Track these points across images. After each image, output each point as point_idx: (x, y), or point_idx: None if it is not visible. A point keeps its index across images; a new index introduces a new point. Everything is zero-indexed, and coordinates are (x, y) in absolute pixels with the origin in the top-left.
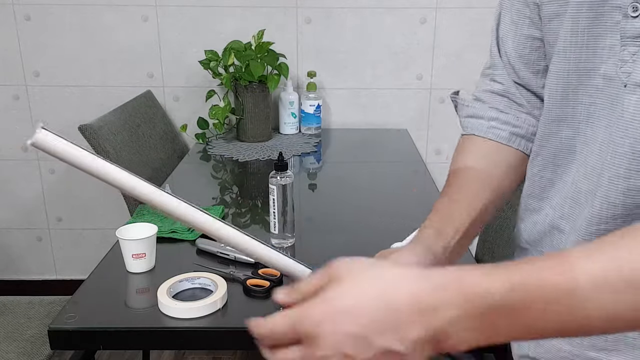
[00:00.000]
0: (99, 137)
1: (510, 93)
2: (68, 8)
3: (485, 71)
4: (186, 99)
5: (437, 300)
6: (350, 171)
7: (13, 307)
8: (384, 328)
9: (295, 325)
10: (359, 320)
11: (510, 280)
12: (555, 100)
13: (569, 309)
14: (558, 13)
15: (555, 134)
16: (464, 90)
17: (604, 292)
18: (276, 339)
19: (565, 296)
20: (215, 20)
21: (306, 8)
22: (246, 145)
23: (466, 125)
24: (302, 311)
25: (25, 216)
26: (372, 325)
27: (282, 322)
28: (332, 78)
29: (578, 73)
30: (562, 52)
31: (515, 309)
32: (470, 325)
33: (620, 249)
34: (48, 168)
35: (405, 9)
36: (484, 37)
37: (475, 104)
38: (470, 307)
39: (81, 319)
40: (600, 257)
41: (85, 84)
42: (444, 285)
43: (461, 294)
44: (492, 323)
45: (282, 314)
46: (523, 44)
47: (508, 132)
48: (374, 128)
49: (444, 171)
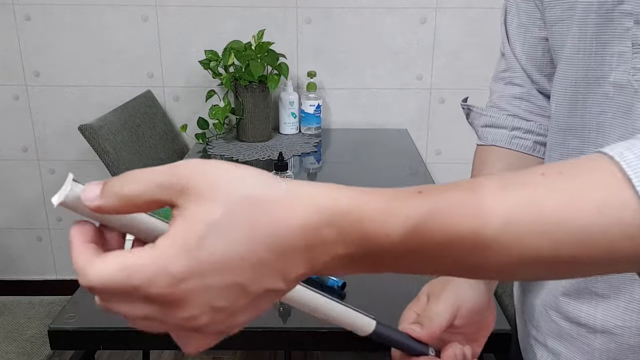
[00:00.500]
0: (99, 137)
1: (532, 95)
2: (68, 8)
3: (500, 75)
4: (186, 99)
5: (329, 238)
6: (350, 171)
7: (13, 307)
8: (267, 272)
9: (143, 285)
10: (236, 271)
11: (410, 220)
12: (562, 109)
13: (470, 252)
14: (562, 18)
15: (562, 144)
16: (466, 97)
17: (514, 234)
18: (113, 295)
19: (470, 239)
20: (215, 20)
21: (306, 8)
22: (246, 145)
23: (485, 136)
24: (150, 265)
25: (25, 216)
26: (252, 272)
27: (118, 277)
28: (332, 78)
29: (586, 81)
30: (569, 59)
31: (410, 251)
32: (355, 262)
33: (539, 186)
34: (48, 168)
35: (405, 9)
36: (484, 37)
37: (493, 112)
38: (362, 249)
39: (81, 319)
40: (515, 197)
41: (85, 84)
42: (337, 222)
43: (357, 236)
44: (379, 262)
45: (118, 265)
46: (535, 47)
47: (532, 141)
48: (374, 128)
49: (444, 171)
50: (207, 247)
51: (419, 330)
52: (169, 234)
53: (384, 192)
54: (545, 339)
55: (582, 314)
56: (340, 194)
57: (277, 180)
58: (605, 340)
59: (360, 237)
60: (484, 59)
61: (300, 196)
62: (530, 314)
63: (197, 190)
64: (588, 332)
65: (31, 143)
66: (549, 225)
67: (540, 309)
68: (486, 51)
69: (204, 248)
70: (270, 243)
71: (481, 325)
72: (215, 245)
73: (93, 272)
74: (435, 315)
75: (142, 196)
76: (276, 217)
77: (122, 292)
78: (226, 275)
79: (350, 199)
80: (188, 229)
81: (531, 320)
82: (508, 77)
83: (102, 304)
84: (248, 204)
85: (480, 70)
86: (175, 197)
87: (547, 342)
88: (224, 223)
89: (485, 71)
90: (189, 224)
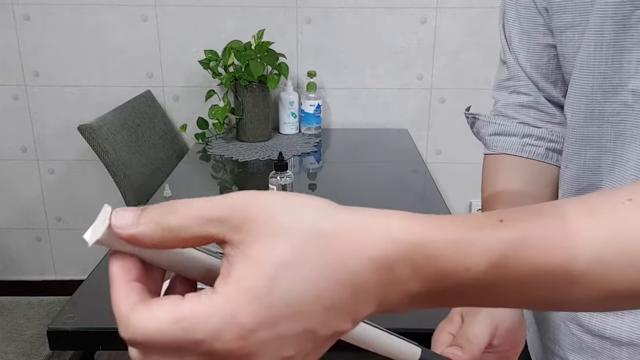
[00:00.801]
0: (99, 137)
1: (540, 103)
2: (67, 8)
3: (503, 84)
4: (186, 99)
5: (403, 274)
6: (350, 171)
7: (12, 308)
8: (339, 314)
9: (207, 339)
10: (308, 316)
11: (493, 253)
12: (578, 119)
13: (554, 287)
14: (573, 24)
15: (579, 154)
16: (469, 106)
17: (604, 269)
18: (159, 349)
19: (556, 273)
20: (215, 20)
21: (306, 8)
22: (246, 145)
23: (494, 144)
24: (216, 316)
25: (25, 216)
26: (325, 315)
27: (172, 330)
28: (332, 78)
29: (603, 89)
30: (584, 67)
31: (490, 287)
32: (428, 300)
33: (628, 216)
34: (47, 168)
35: (405, 9)
36: (484, 37)
37: (501, 120)
38: (438, 286)
39: (80, 319)
40: (604, 228)
41: (85, 84)
42: (412, 256)
43: (432, 272)
44: (454, 299)
45: (172, 316)
46: (539, 54)
47: (544, 148)
48: (374, 128)
49: (444, 171)
50: (278, 291)
51: (459, 354)
52: (230, 278)
53: (459, 220)
54: (565, 353)
55: (607, 326)
56: (414, 223)
57: (338, 209)
58: (631, 353)
59: (436, 273)
60: (484, 59)
61: (369, 227)
62: (545, 328)
63: (258, 225)
64: (613, 345)
65: (30, 143)
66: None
67: (558, 323)
68: (486, 51)
69: (275, 293)
70: (342, 280)
71: (514, 343)
72: (287, 289)
73: (139, 323)
74: (473, 337)
75: (189, 229)
76: (347, 252)
77: (174, 346)
78: (298, 321)
79: (425, 230)
80: (254, 272)
81: (547, 333)
82: (512, 85)
83: (140, 357)
84: (317, 239)
85: (480, 70)
86: (230, 232)
87: (569, 356)
88: (293, 262)
89: (485, 71)
90: (254, 266)
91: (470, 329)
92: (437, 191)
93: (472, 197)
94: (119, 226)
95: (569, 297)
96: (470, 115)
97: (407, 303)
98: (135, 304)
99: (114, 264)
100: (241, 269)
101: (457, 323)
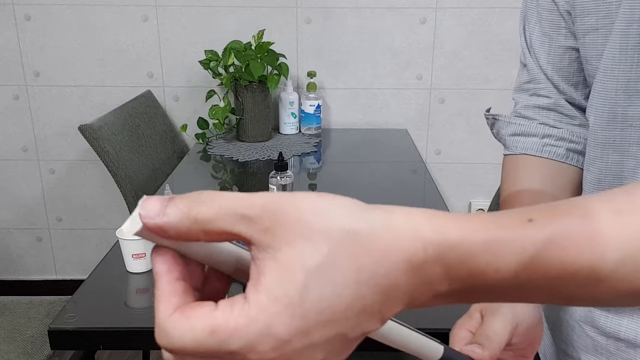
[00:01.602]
0: (99, 137)
1: (560, 106)
2: (68, 8)
3: (523, 86)
4: (186, 99)
5: (435, 275)
6: (350, 171)
7: (13, 307)
8: (369, 317)
9: (242, 351)
10: (341, 322)
11: (524, 253)
12: (601, 122)
13: (581, 285)
14: (596, 27)
15: (601, 158)
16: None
17: (631, 268)
18: (192, 356)
19: (584, 273)
20: (215, 20)
21: (306, 8)
22: (246, 145)
23: (514, 145)
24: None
25: (25, 216)
26: (356, 319)
27: (209, 341)
28: (332, 78)
29: (628, 92)
30: (609, 70)
31: (518, 286)
32: (454, 298)
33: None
34: (48, 168)
35: (405, 9)
36: (484, 37)
37: (521, 121)
38: (466, 286)
39: (81, 319)
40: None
41: (85, 84)
42: (444, 257)
43: (464, 273)
44: (480, 297)
45: (208, 326)
46: (560, 56)
47: (564, 148)
48: (374, 128)
49: (444, 171)
50: (311, 299)
51: (480, 352)
52: (260, 286)
53: (488, 219)
54: (579, 355)
55: (622, 328)
56: (445, 223)
57: (368, 209)
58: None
59: (467, 273)
60: (484, 59)
61: (401, 227)
62: (558, 329)
63: (287, 228)
64: (628, 346)
65: (31, 143)
66: None
67: (571, 324)
68: (486, 51)
69: (307, 301)
70: (375, 284)
71: (532, 340)
72: (319, 296)
73: (176, 332)
74: (493, 334)
75: (216, 222)
76: (380, 254)
77: (209, 355)
78: (330, 327)
79: (456, 230)
80: (287, 279)
81: (559, 335)
82: (533, 88)
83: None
84: (349, 242)
85: (480, 70)
86: (258, 233)
87: (582, 357)
88: (326, 267)
89: (485, 71)
90: (284, 272)
91: (490, 326)
92: (437, 191)
93: (471, 197)
94: (146, 216)
95: (595, 295)
96: (490, 116)
97: (433, 300)
98: (174, 309)
99: (158, 262)
100: (271, 274)
101: (477, 320)
